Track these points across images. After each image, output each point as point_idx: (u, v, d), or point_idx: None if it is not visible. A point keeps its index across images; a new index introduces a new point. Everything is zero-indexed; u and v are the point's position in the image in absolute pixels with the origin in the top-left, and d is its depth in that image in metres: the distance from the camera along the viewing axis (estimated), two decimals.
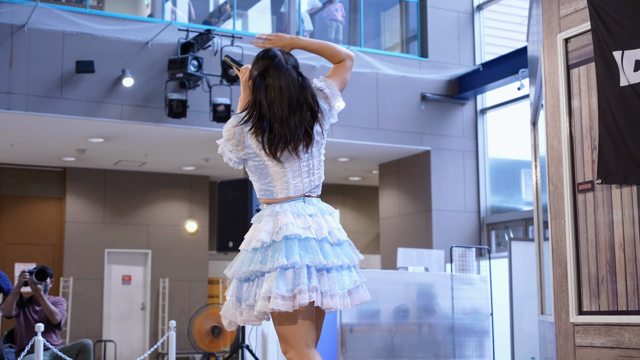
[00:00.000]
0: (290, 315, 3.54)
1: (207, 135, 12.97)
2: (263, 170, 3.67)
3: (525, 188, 14.76)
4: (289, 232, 3.55)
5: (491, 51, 14.85)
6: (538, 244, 6.77)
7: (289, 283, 3.50)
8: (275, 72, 3.68)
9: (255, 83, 3.67)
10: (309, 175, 3.72)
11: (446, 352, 9.45)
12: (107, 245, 16.26)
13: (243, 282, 3.64)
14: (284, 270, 3.51)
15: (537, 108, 6.51)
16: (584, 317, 4.69)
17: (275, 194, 3.68)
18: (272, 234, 3.57)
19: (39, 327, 7.28)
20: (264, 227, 3.59)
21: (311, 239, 3.60)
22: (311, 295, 3.50)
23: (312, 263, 3.55)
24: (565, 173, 4.85)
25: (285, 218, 3.59)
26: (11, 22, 11.34)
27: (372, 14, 15.30)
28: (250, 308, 3.57)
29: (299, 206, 3.66)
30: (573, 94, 4.88)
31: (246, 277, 3.62)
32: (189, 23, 13.27)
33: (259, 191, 3.73)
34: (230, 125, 3.66)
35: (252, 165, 3.68)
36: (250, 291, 3.59)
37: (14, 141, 13.67)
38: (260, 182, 3.70)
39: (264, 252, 3.56)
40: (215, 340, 10.51)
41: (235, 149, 3.65)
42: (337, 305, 3.58)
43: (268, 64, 3.71)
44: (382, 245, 15.40)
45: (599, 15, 4.48)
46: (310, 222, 3.63)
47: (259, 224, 3.64)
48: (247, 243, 3.65)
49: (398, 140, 13.96)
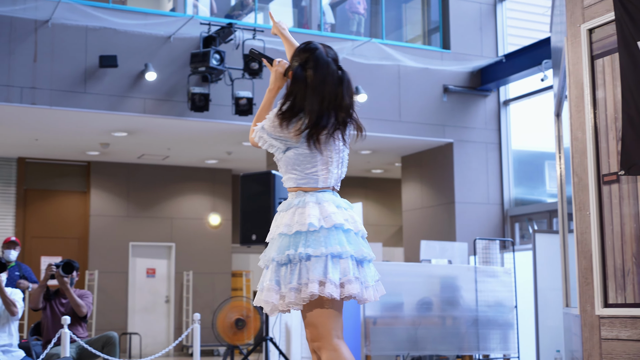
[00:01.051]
0: (324, 304, 3.58)
1: (230, 128, 12.99)
2: (306, 158, 3.71)
3: (549, 180, 14.68)
4: (338, 221, 3.63)
5: (514, 42, 14.76)
6: (562, 236, 6.74)
7: (340, 271, 3.56)
8: (315, 64, 3.75)
9: (296, 74, 3.74)
10: (339, 168, 3.82)
11: (470, 344, 9.43)
12: (131, 238, 16.35)
13: (281, 265, 3.63)
14: (336, 257, 3.58)
15: (561, 99, 6.48)
16: (609, 309, 4.66)
17: (317, 182, 3.74)
18: (320, 220, 3.62)
19: (66, 319, 7.33)
20: (311, 212, 3.62)
21: (351, 230, 3.69)
22: (357, 286, 3.58)
23: (356, 254, 3.64)
24: (589, 164, 4.82)
25: (330, 207, 3.67)
26: (35, 18, 11.41)
27: (394, 6, 15.25)
28: (294, 291, 3.56)
29: (336, 198, 3.76)
30: (597, 84, 4.84)
31: (286, 261, 3.61)
32: (211, 17, 13.29)
33: (297, 179, 3.75)
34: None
35: (295, 153, 3.72)
36: (292, 274, 3.58)
37: (38, 136, 13.77)
38: (301, 170, 3.73)
39: (311, 236, 3.59)
40: (239, 332, 10.55)
41: (286, 135, 3.69)
42: (370, 297, 3.67)
43: (308, 56, 3.77)
44: (405, 238, 15.38)
45: (623, 5, 4.44)
46: (347, 215, 3.72)
47: (303, 208, 3.65)
48: (287, 227, 3.65)
49: (420, 132, 13.92)
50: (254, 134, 3.80)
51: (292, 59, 3.84)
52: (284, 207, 3.75)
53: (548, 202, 14.12)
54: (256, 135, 3.78)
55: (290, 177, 3.77)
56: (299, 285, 3.55)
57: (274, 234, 3.73)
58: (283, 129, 3.68)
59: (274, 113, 3.72)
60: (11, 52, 11.26)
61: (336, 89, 3.75)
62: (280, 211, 3.78)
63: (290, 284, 3.56)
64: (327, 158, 3.75)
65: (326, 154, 3.74)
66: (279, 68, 3.90)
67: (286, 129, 3.67)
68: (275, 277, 3.62)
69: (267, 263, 3.70)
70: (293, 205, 3.70)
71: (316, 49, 3.80)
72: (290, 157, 3.73)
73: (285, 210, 3.73)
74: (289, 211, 3.70)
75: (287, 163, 3.75)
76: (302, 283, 3.54)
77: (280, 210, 3.78)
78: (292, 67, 3.80)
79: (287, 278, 3.58)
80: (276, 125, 3.69)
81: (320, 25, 13.76)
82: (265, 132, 3.73)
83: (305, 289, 3.52)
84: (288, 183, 3.79)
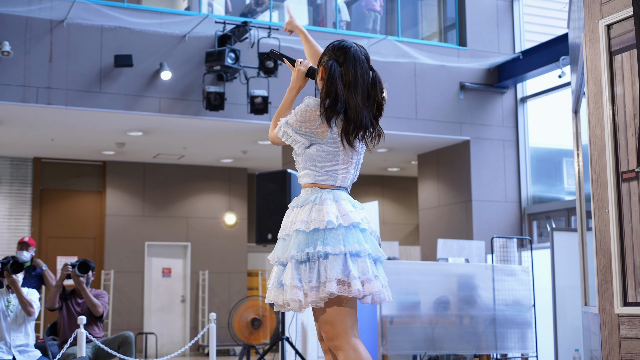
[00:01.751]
0: (342, 302, 3.57)
1: (245, 127, 12.98)
2: (328, 156, 3.70)
3: (567, 177, 14.59)
4: (356, 219, 3.63)
5: (531, 39, 14.67)
6: (581, 234, 6.68)
7: (359, 269, 3.56)
8: (350, 61, 3.74)
9: (332, 71, 3.71)
10: (355, 170, 3.82)
11: (488, 343, 9.37)
12: (147, 238, 16.38)
13: (300, 263, 3.60)
14: (354, 256, 3.57)
15: (579, 96, 6.41)
16: (629, 308, 4.60)
17: (335, 180, 3.73)
18: (338, 218, 3.60)
19: (82, 319, 7.33)
20: (329, 210, 3.61)
21: (366, 230, 3.69)
22: (378, 284, 3.59)
23: (374, 254, 3.65)
24: (608, 161, 4.76)
25: (347, 205, 3.67)
26: (50, 18, 11.43)
27: (410, 3, 15.19)
28: (314, 290, 3.54)
29: (351, 198, 3.76)
30: (616, 81, 4.78)
31: (305, 259, 3.59)
32: (226, 15, 13.28)
33: (316, 176, 3.73)
34: (313, 107, 3.69)
35: (318, 150, 3.70)
36: (312, 272, 3.56)
37: (54, 135, 13.81)
38: (321, 166, 3.71)
39: (329, 234, 3.58)
40: (255, 332, 10.53)
41: (313, 131, 3.67)
42: (387, 297, 3.67)
43: (345, 54, 3.76)
44: (422, 236, 15.32)
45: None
46: (362, 215, 3.72)
47: (321, 205, 3.64)
48: (304, 224, 3.62)
49: (437, 130, 13.86)
50: (278, 129, 3.78)
51: (324, 56, 3.81)
52: (299, 203, 3.73)
53: (566, 199, 14.02)
54: (280, 130, 3.76)
55: (308, 172, 3.75)
56: (318, 283, 3.53)
57: (289, 230, 3.71)
58: (322, 124, 3.66)
59: (314, 106, 3.68)
60: (27, 52, 11.29)
61: (370, 88, 3.76)
62: (293, 207, 3.77)
63: (310, 283, 3.54)
64: (349, 158, 3.74)
65: (348, 153, 3.73)
66: (301, 68, 3.91)
67: (313, 126, 3.66)
68: (297, 274, 3.58)
69: (284, 260, 3.67)
70: (309, 202, 3.68)
71: (351, 47, 3.78)
72: (311, 153, 3.72)
73: (301, 206, 3.71)
74: (304, 207, 3.68)
75: (307, 159, 3.74)
76: (321, 282, 3.53)
77: (294, 206, 3.76)
78: (324, 63, 3.77)
79: (306, 276, 3.57)
80: (304, 120, 3.67)
81: (335, 23, 13.72)
82: (290, 127, 3.72)
83: (324, 288, 3.50)
84: (305, 179, 3.77)
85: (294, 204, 3.77)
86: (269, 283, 3.77)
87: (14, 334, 7.64)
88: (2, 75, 11.14)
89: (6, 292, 7.74)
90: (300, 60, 3.94)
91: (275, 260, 3.72)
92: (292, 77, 3.93)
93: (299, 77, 3.90)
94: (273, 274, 3.74)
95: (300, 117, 3.68)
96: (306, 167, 3.75)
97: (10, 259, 7.72)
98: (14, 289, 7.60)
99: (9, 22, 11.21)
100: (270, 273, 3.84)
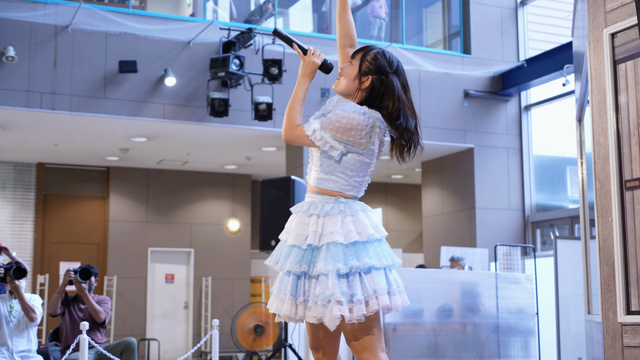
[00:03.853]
0: (371, 316, 3.49)
1: (249, 133, 12.98)
2: (362, 166, 3.61)
3: (571, 185, 14.57)
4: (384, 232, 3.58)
5: (535, 47, 14.68)
6: (584, 243, 6.66)
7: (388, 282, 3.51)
8: (401, 73, 3.69)
9: (396, 85, 3.62)
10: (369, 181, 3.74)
11: (491, 351, 9.35)
12: (150, 244, 16.38)
13: (341, 277, 3.45)
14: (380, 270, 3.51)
15: (583, 104, 6.41)
16: (632, 317, 4.59)
17: (358, 192, 3.66)
18: (376, 231, 3.55)
19: (84, 325, 7.32)
20: (365, 222, 3.53)
21: (382, 240, 3.60)
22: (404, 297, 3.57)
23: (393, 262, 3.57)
24: (612, 170, 4.76)
25: (374, 217, 3.60)
26: (55, 23, 11.46)
27: (414, 11, 15.20)
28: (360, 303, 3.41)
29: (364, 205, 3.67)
30: (620, 89, 4.78)
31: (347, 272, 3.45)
32: (230, 22, 13.30)
33: (343, 185, 3.59)
34: (360, 115, 3.53)
35: (354, 159, 3.58)
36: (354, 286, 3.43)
37: (58, 141, 13.82)
38: (350, 176, 3.59)
39: (370, 247, 3.50)
40: (258, 338, 10.52)
41: (357, 140, 3.53)
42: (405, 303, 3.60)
43: (397, 69, 3.68)
44: (425, 243, 15.31)
45: None
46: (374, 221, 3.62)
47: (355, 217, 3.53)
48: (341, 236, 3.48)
49: (441, 137, 13.86)
50: (311, 132, 3.56)
51: (369, 63, 3.65)
52: (323, 212, 3.56)
53: (570, 208, 14.01)
54: (314, 133, 3.54)
55: (333, 179, 3.58)
56: (364, 297, 3.42)
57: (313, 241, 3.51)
58: (368, 134, 3.54)
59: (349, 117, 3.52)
60: (31, 58, 11.31)
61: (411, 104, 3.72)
62: (312, 214, 3.58)
63: (355, 297, 3.40)
64: (371, 169, 3.66)
65: (373, 165, 3.67)
66: (316, 60, 3.70)
67: (371, 135, 3.56)
68: (339, 288, 3.41)
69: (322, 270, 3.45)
70: (338, 212, 3.53)
71: (398, 62, 3.71)
72: (346, 160, 3.57)
73: (327, 216, 3.54)
74: (334, 217, 3.52)
75: (338, 165, 3.58)
76: (369, 295, 3.42)
77: (313, 213, 3.57)
78: (371, 72, 3.64)
79: (349, 290, 3.42)
80: (350, 128, 3.50)
81: None
82: (329, 134, 3.52)
83: (376, 301, 3.41)
84: (327, 184, 3.61)
85: (312, 210, 3.59)
86: (273, 291, 3.60)
87: (16, 340, 7.64)
88: (7, 80, 11.16)
89: (9, 298, 7.74)
90: (313, 49, 3.74)
91: (288, 270, 3.54)
92: (303, 68, 3.71)
93: (313, 69, 3.69)
94: (283, 284, 3.55)
95: (345, 124, 3.50)
96: (334, 172, 3.58)
97: (13, 264, 7.72)
98: (17, 295, 7.59)
99: (13, 27, 11.23)
100: (275, 281, 3.64)
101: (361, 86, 3.66)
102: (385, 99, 3.61)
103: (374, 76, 3.63)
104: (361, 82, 3.66)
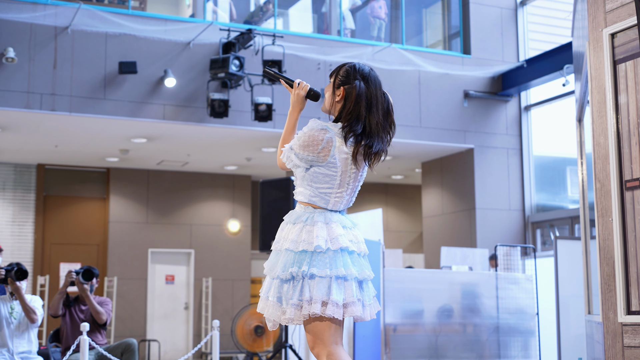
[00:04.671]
0: (324, 317, 3.64)
1: (249, 134, 12.98)
2: (325, 178, 3.75)
3: (571, 186, 14.57)
4: (344, 244, 3.68)
5: (535, 47, 14.68)
6: (585, 243, 6.66)
7: (343, 293, 3.63)
8: (372, 83, 3.80)
9: (359, 91, 3.75)
10: (350, 196, 3.86)
11: (491, 352, 9.35)
12: (150, 245, 16.38)
13: (284, 282, 3.68)
14: (341, 279, 3.64)
15: (583, 104, 6.41)
16: (632, 317, 4.59)
17: (327, 204, 3.78)
18: (327, 242, 3.66)
19: (85, 326, 7.32)
20: (319, 233, 3.67)
21: (355, 252, 3.74)
22: (359, 308, 3.67)
23: (360, 276, 3.71)
24: (612, 170, 4.76)
25: (338, 229, 3.72)
26: (55, 24, 11.46)
27: (414, 11, 15.21)
28: (296, 307, 3.62)
29: (342, 218, 3.80)
30: (620, 89, 4.78)
31: (289, 277, 3.66)
32: (230, 23, 13.30)
33: (310, 195, 3.77)
34: (316, 131, 3.71)
35: (316, 172, 3.74)
36: (294, 291, 3.63)
37: (58, 142, 13.82)
38: (316, 187, 3.76)
39: (317, 256, 3.63)
40: (259, 339, 10.52)
41: (316, 155, 3.70)
42: (367, 317, 3.75)
43: (365, 76, 3.80)
44: (425, 244, 15.31)
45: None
46: (351, 236, 3.76)
47: (312, 227, 3.70)
48: (293, 244, 3.69)
49: (441, 138, 13.86)
50: (283, 155, 3.83)
51: (338, 77, 3.83)
52: (292, 219, 3.79)
53: (570, 208, 14.01)
54: (284, 156, 3.81)
55: (303, 191, 3.80)
56: (300, 302, 3.61)
57: (280, 247, 3.76)
58: (326, 148, 3.69)
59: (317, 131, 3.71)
60: (31, 59, 11.31)
61: (384, 112, 3.84)
62: (288, 222, 3.81)
63: (291, 300, 3.62)
64: (344, 183, 3.78)
65: (345, 179, 3.77)
66: (300, 91, 3.92)
67: (329, 149, 3.69)
68: (277, 293, 3.68)
69: (272, 275, 3.75)
70: (300, 221, 3.73)
71: (369, 69, 3.83)
72: (310, 173, 3.76)
73: (293, 223, 3.76)
74: (296, 226, 3.73)
75: (304, 177, 3.79)
76: (304, 300, 3.60)
77: (288, 221, 3.81)
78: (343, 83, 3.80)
79: (288, 294, 3.64)
80: (307, 144, 3.70)
81: (340, 30, 13.73)
82: (293, 153, 3.76)
83: (308, 307, 3.58)
84: (299, 196, 3.83)
85: (288, 218, 3.82)
86: (261, 292, 3.86)
87: (17, 341, 7.64)
88: (6, 81, 11.16)
89: (10, 299, 7.74)
90: (299, 81, 3.94)
91: (266, 272, 3.81)
92: (292, 100, 3.93)
93: (298, 101, 3.91)
94: (265, 284, 3.84)
95: (303, 142, 3.71)
96: (302, 185, 3.79)
97: (14, 266, 7.72)
98: (18, 296, 7.60)
99: (13, 28, 11.23)
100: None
101: (336, 99, 3.83)
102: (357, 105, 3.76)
103: (345, 86, 3.80)
104: (336, 95, 3.83)
